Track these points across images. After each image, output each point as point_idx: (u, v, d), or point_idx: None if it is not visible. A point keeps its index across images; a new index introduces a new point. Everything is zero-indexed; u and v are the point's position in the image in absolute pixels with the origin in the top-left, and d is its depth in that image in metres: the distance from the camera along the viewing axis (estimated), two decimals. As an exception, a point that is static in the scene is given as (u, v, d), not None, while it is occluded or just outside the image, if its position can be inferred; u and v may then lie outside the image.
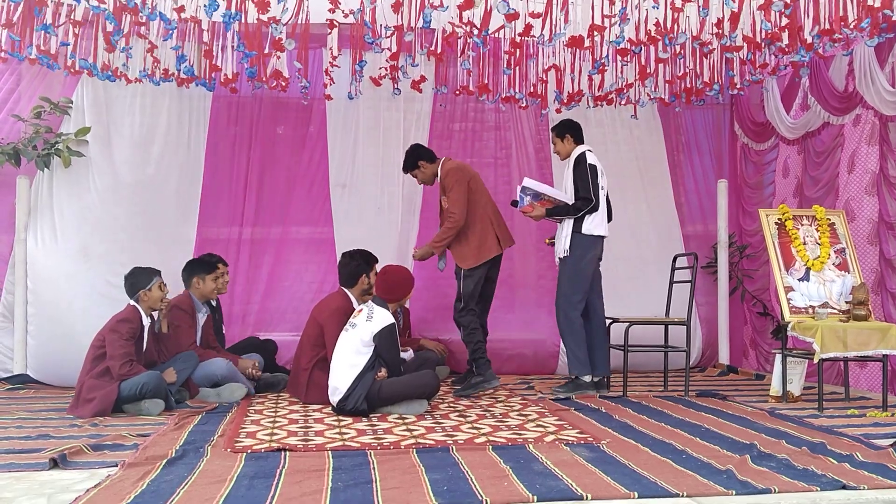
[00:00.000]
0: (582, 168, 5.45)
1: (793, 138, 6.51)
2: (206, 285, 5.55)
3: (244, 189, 6.65)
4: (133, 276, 5.00)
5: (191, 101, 6.50)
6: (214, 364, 5.28)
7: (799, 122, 6.32)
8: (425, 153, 5.85)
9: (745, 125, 7.15)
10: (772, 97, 6.62)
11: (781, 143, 6.75)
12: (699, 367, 6.96)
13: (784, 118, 6.47)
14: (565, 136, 5.66)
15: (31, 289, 5.98)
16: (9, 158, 5.84)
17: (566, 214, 5.45)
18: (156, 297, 5.00)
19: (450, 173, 5.65)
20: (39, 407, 4.98)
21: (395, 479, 3.10)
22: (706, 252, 7.09)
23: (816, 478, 3.10)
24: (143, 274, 5.00)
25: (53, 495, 2.90)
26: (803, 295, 5.27)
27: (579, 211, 5.41)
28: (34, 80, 6.23)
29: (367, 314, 4.73)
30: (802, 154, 6.47)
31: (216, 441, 3.85)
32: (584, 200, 5.41)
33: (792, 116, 6.43)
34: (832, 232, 5.49)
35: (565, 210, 5.45)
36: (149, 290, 4.97)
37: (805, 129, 6.30)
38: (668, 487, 2.97)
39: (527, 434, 4.04)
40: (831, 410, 4.83)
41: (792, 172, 6.65)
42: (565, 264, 5.50)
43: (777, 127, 6.61)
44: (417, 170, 5.82)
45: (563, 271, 5.53)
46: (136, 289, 4.97)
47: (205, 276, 5.54)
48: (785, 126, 6.48)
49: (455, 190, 5.57)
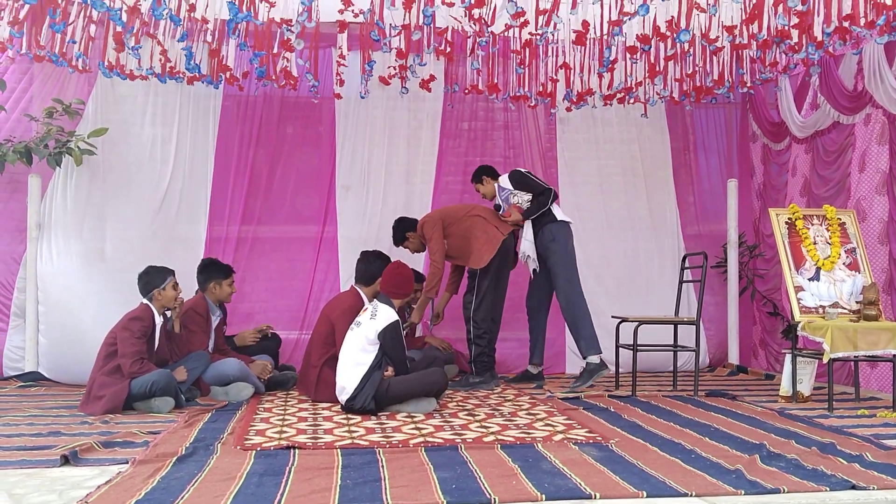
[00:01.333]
0: (521, 177, 5.95)
1: (802, 137, 6.49)
2: (222, 290, 5.56)
3: (254, 188, 6.66)
4: (147, 275, 5.02)
5: (201, 100, 6.53)
6: (227, 364, 5.30)
7: (809, 121, 6.30)
8: (409, 223, 6.08)
9: (763, 125, 7.13)
10: (785, 96, 6.60)
11: (793, 143, 6.73)
12: (709, 366, 6.94)
13: (795, 117, 6.45)
14: (483, 179, 6.12)
15: (42, 287, 6.02)
16: (21, 157, 5.87)
17: (538, 210, 5.78)
18: (169, 296, 5.02)
19: (423, 227, 5.91)
20: (51, 404, 5.01)
21: (403, 477, 3.11)
22: (716, 251, 7.06)
23: (826, 478, 3.09)
24: (157, 273, 5.02)
25: (65, 492, 2.92)
26: (813, 295, 5.25)
27: (546, 203, 5.79)
28: (47, 81, 6.27)
29: (372, 312, 4.74)
30: (811, 153, 6.44)
31: (226, 439, 3.87)
32: (543, 193, 5.82)
33: (803, 115, 6.40)
34: (843, 231, 5.47)
35: (536, 207, 5.78)
36: (163, 290, 4.99)
37: (814, 127, 6.28)
38: (677, 487, 2.97)
39: (535, 433, 4.04)
40: (841, 411, 4.81)
41: (799, 171, 6.62)
42: (555, 254, 5.77)
43: (789, 126, 6.59)
44: (407, 241, 6.08)
45: (556, 262, 5.79)
46: (149, 288, 4.99)
47: (222, 280, 5.56)
48: (796, 125, 6.46)
49: (432, 240, 5.81)
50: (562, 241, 5.77)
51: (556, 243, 5.74)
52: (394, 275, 4.97)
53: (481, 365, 5.73)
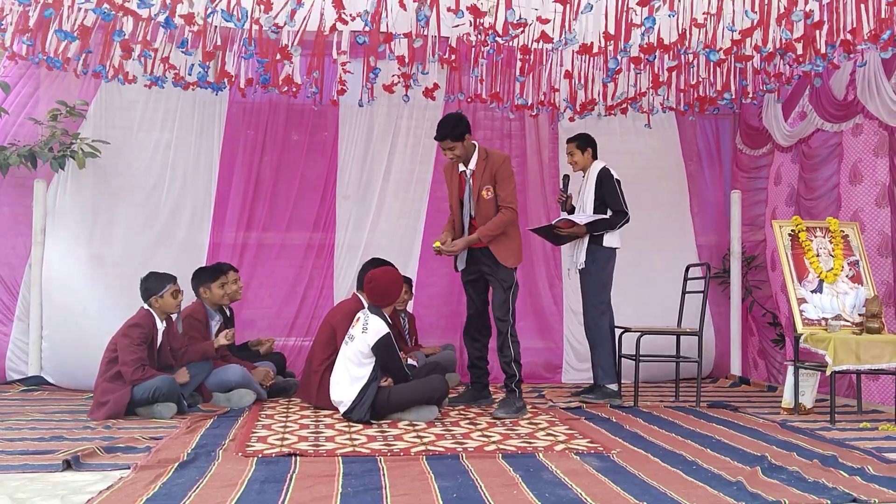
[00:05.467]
0: (610, 183, 5.61)
1: (787, 145, 6.52)
2: (213, 293, 5.55)
3: (257, 194, 6.67)
4: (147, 281, 5.02)
5: (206, 106, 6.54)
6: (229, 370, 5.31)
7: (795, 130, 6.35)
8: (468, 126, 5.13)
9: (743, 129, 7.18)
10: (772, 105, 6.64)
11: (777, 151, 6.75)
12: (710, 377, 6.94)
13: (782, 126, 6.48)
14: (586, 150, 5.77)
15: (45, 291, 6.03)
16: (24, 161, 5.89)
17: (605, 228, 5.54)
18: (168, 303, 5.00)
19: (505, 162, 5.12)
20: (53, 409, 5.02)
21: (404, 486, 3.11)
22: (715, 263, 7.06)
23: (827, 491, 3.09)
24: (156, 280, 5.02)
25: (67, 496, 2.93)
26: (816, 307, 5.25)
27: (616, 225, 5.54)
28: (52, 85, 6.28)
29: (363, 325, 4.73)
30: (798, 162, 6.46)
31: (227, 445, 3.87)
32: (619, 214, 5.55)
33: (789, 124, 6.43)
34: (846, 244, 5.47)
35: (604, 224, 5.52)
36: (160, 297, 4.98)
37: (799, 136, 6.33)
38: (679, 499, 2.97)
39: (537, 443, 4.04)
40: (843, 423, 4.81)
41: (785, 180, 6.64)
42: (589, 275, 5.58)
43: (773, 134, 6.63)
44: (460, 143, 5.06)
45: (588, 282, 5.61)
46: (149, 294, 4.99)
47: (210, 283, 5.55)
48: (782, 133, 6.49)
49: (511, 181, 5.10)
50: (601, 265, 5.55)
51: (595, 266, 5.55)
52: (373, 286, 4.89)
53: (520, 385, 5.10)
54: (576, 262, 5.67)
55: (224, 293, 5.60)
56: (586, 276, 5.61)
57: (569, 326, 6.85)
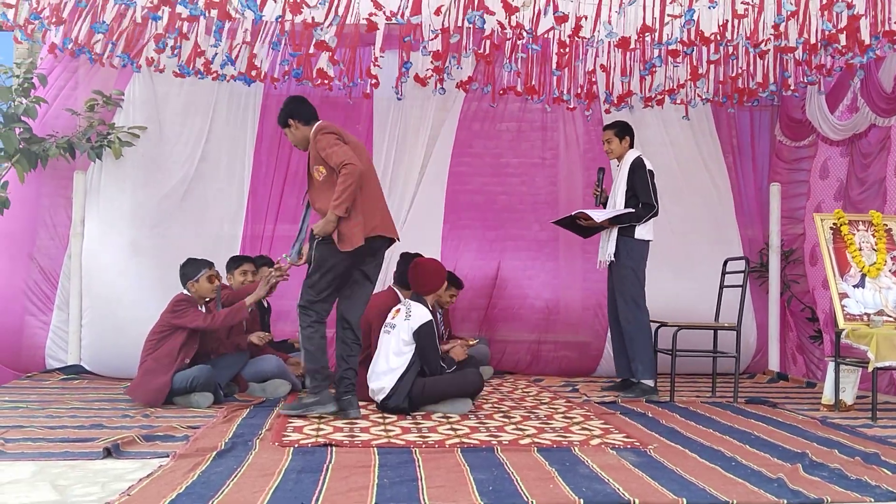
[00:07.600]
0: (642, 173, 5.46)
1: (837, 139, 6.37)
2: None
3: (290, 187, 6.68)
4: (184, 267, 5.10)
5: (241, 98, 6.58)
6: (265, 361, 5.36)
7: (847, 124, 6.18)
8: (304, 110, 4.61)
9: (783, 121, 7.05)
10: (815, 96, 6.50)
11: (822, 144, 6.60)
12: (748, 373, 6.84)
13: (829, 118, 6.34)
14: (624, 138, 5.64)
15: (84, 281, 6.11)
16: (64, 152, 5.97)
17: (630, 221, 5.42)
18: (204, 288, 5.06)
19: (318, 132, 4.46)
20: (93, 397, 5.10)
21: (440, 478, 3.10)
22: (751, 256, 6.95)
23: (870, 488, 3.03)
24: (193, 265, 5.09)
25: (107, 484, 2.97)
26: (858, 302, 5.15)
27: (642, 217, 5.41)
28: (88, 75, 6.35)
29: (406, 313, 4.73)
30: (848, 157, 6.32)
31: (264, 435, 3.90)
32: (647, 206, 5.42)
33: (837, 117, 6.29)
34: (889, 238, 5.35)
35: (629, 217, 5.41)
36: (196, 282, 5.05)
37: (853, 130, 6.16)
38: (718, 495, 2.93)
39: (572, 437, 4.01)
40: (885, 420, 4.71)
41: (833, 174, 6.50)
42: (624, 268, 5.45)
43: (819, 127, 6.48)
44: (288, 129, 4.64)
45: (623, 276, 5.46)
46: (186, 279, 5.07)
47: (233, 270, 5.65)
48: (829, 126, 6.35)
49: (327, 140, 4.39)
50: (636, 259, 5.44)
51: (630, 260, 5.43)
52: (418, 272, 4.93)
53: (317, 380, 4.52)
54: (606, 255, 5.54)
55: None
56: (621, 269, 5.48)
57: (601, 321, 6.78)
